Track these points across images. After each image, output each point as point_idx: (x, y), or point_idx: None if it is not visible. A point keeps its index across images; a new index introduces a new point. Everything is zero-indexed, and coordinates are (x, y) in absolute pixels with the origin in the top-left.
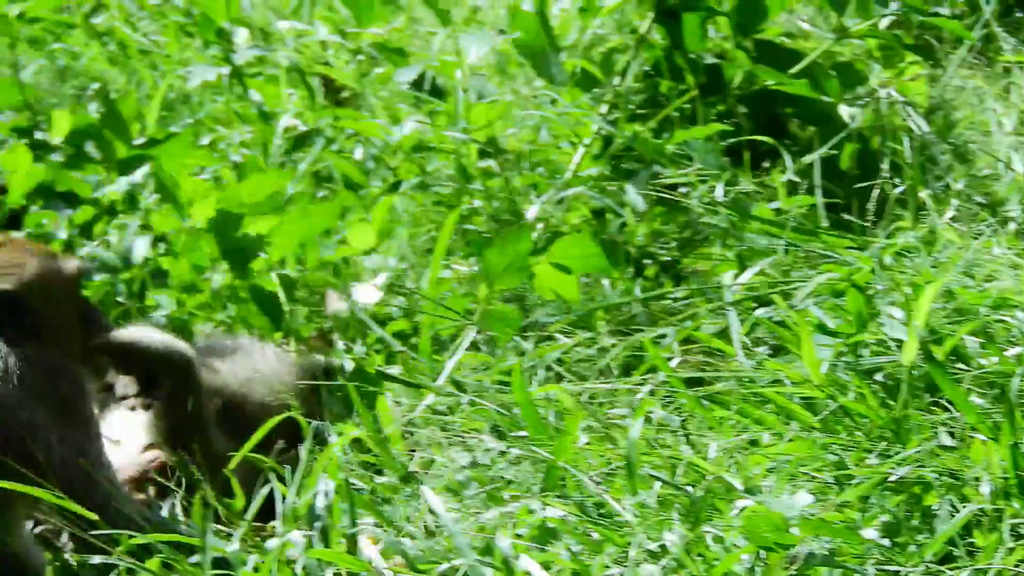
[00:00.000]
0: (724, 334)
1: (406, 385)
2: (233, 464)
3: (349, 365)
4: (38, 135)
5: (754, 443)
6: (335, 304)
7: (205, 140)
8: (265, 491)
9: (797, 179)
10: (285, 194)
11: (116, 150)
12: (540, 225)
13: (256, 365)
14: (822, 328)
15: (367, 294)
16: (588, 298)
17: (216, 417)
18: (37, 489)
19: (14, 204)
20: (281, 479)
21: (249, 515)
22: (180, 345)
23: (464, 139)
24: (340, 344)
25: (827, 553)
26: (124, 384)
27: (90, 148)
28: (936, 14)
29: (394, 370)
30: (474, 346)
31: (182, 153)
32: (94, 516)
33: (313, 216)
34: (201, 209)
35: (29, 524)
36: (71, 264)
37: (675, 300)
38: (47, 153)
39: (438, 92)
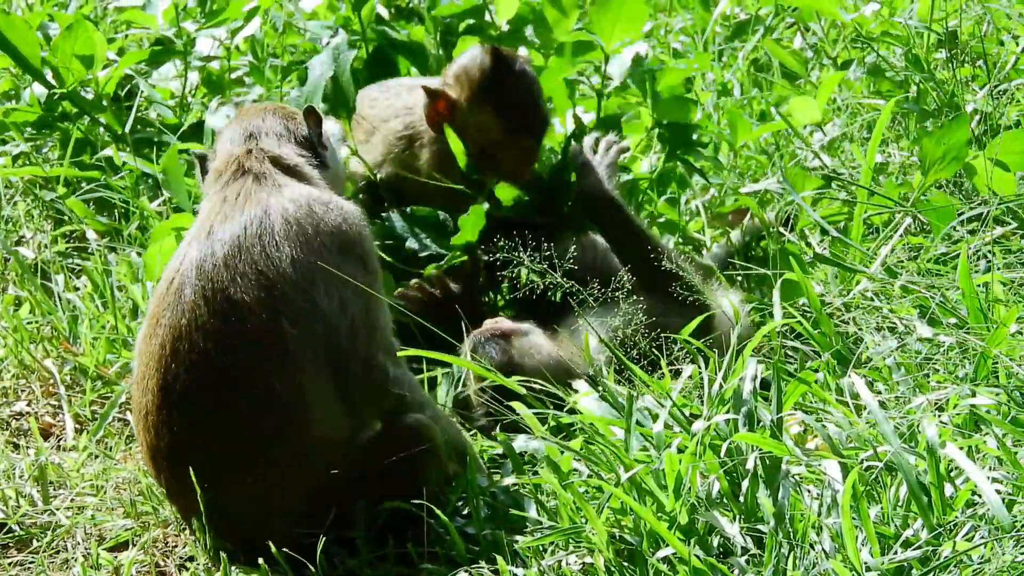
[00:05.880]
0: None
1: (840, 268)
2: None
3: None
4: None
5: None
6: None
7: (645, 27)
8: (688, 371)
9: None
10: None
11: (556, 35)
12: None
13: None
14: None
15: None
16: None
17: None
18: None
19: None
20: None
21: (675, 395)
22: None
23: (920, 27)
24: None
25: None
26: None
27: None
28: None
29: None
30: (906, 233)
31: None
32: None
33: None
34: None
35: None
36: None
37: None
38: (491, 37)
39: None
